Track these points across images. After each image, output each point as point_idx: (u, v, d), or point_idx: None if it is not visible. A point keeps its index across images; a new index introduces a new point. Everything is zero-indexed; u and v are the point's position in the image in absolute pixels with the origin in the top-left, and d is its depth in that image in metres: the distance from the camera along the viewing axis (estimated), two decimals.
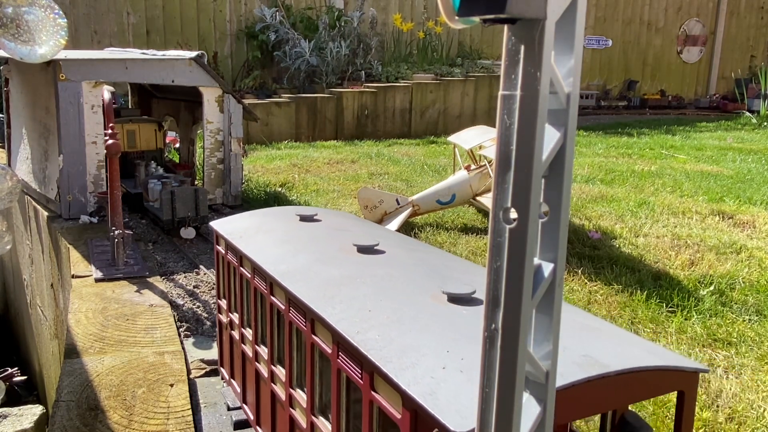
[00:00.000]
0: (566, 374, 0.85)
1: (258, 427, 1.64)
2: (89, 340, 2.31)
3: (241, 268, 1.64)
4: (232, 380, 1.88)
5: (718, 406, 2.02)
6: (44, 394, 4.67)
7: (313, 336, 1.21)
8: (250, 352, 1.65)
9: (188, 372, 2.17)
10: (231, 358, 1.87)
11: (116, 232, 3.00)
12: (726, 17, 14.50)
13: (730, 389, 2.11)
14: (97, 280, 2.91)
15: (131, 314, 2.55)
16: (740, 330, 2.55)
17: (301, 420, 1.32)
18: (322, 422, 1.23)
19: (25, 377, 5.23)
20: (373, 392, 0.99)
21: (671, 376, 0.96)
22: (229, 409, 1.90)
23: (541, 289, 0.72)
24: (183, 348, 2.33)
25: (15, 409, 4.15)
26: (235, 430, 1.81)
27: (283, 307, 1.37)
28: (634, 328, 2.56)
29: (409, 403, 0.89)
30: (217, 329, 2.07)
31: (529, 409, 0.75)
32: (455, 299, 1.09)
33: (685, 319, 2.64)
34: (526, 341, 0.70)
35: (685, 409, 0.99)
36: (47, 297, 4.07)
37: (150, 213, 3.95)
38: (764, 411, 1.99)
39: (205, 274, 3.10)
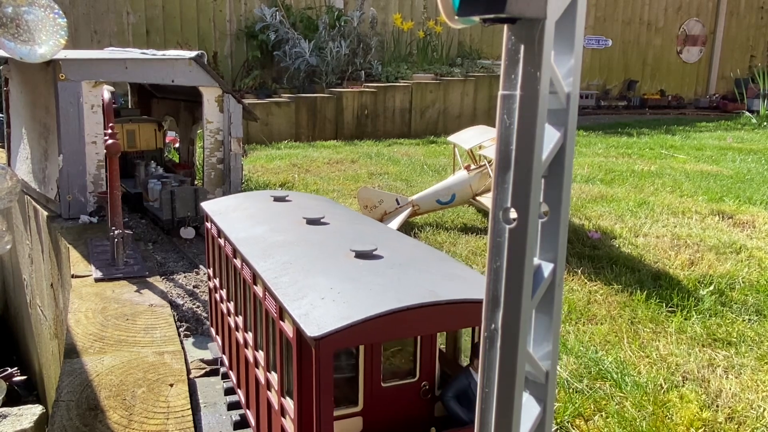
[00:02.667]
0: (405, 300, 1.13)
1: (230, 371, 1.88)
2: (89, 340, 2.31)
3: (218, 239, 1.88)
4: (216, 336, 2.11)
5: (718, 406, 2.02)
6: (44, 393, 4.67)
7: (254, 287, 1.46)
8: (224, 309, 1.90)
9: (188, 372, 2.17)
10: (215, 317, 2.11)
11: (116, 232, 3.00)
12: (726, 17, 14.51)
13: (730, 389, 2.11)
14: (97, 280, 2.90)
15: (131, 314, 2.55)
16: (740, 330, 2.55)
17: (251, 357, 1.58)
18: (261, 355, 1.49)
19: (25, 377, 5.23)
20: (281, 322, 1.24)
21: None
22: (218, 363, 2.10)
23: (541, 290, 0.72)
24: (183, 348, 2.33)
25: (15, 409, 4.14)
26: (235, 430, 1.81)
27: (239, 267, 1.61)
28: (634, 327, 2.56)
29: (294, 323, 1.14)
30: (208, 294, 2.34)
31: (529, 409, 0.75)
32: (359, 255, 1.35)
33: (685, 319, 2.64)
34: (526, 341, 0.70)
35: None
36: (47, 297, 4.07)
37: (150, 213, 3.95)
38: (764, 411, 1.99)
39: (204, 274, 3.10)
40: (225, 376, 2.02)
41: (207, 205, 2.03)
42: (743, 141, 8.43)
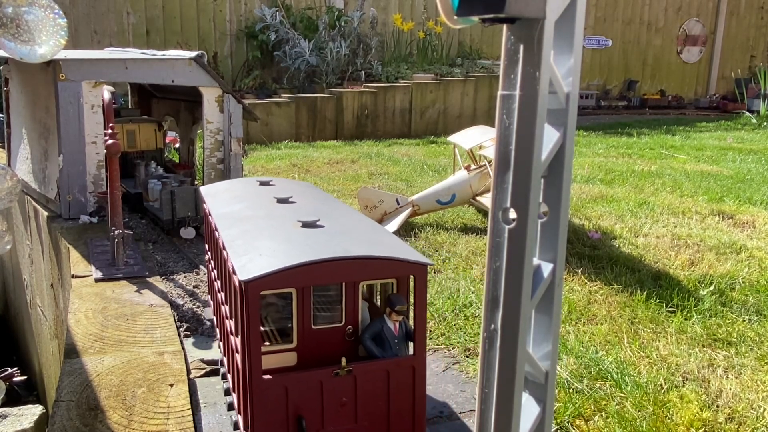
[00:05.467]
0: (320, 255, 1.40)
1: (217, 330, 2.12)
2: (89, 340, 2.31)
3: (209, 217, 2.08)
4: (210, 301, 2.34)
5: (718, 406, 2.02)
6: (44, 394, 4.67)
7: (223, 251, 1.66)
8: (213, 276, 2.14)
9: (188, 372, 2.17)
10: (210, 285, 2.34)
11: (116, 232, 3.00)
12: (726, 17, 14.50)
13: (730, 389, 2.11)
14: (97, 280, 2.90)
15: (131, 314, 2.55)
16: (740, 330, 2.55)
17: (224, 311, 1.82)
18: (228, 308, 1.73)
19: (25, 377, 5.23)
20: (234, 276, 1.44)
21: (405, 265, 1.46)
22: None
23: (541, 290, 0.72)
24: (183, 348, 2.33)
25: (15, 409, 4.15)
26: (235, 430, 1.81)
27: (217, 237, 1.81)
28: (634, 327, 2.56)
29: (237, 274, 1.37)
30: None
31: (529, 409, 0.75)
32: (305, 225, 1.59)
33: (685, 319, 2.64)
34: (526, 342, 0.70)
35: (417, 288, 1.48)
36: (47, 297, 4.07)
37: (150, 213, 3.95)
38: (764, 411, 1.99)
39: (205, 274, 3.10)
40: (225, 377, 2.02)
41: (203, 189, 2.31)
42: (743, 141, 8.43)
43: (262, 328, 1.55)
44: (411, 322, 1.55)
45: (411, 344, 1.55)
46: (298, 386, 1.41)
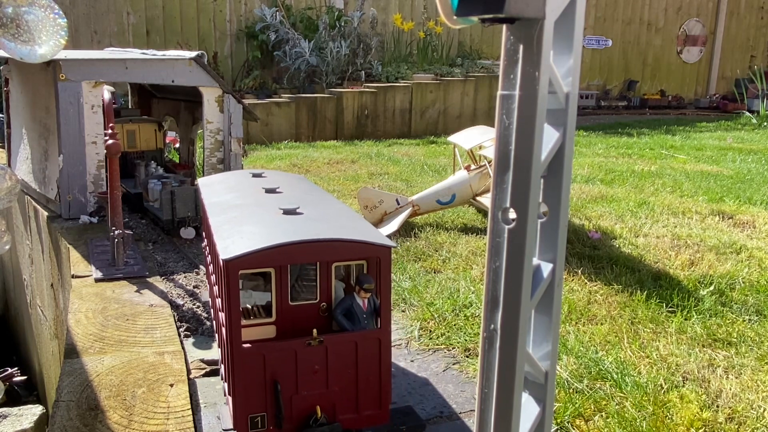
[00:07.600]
0: (292, 238, 1.52)
1: (211, 309, 2.24)
2: (89, 340, 2.31)
3: (204, 206, 2.19)
4: (208, 286, 2.46)
5: (718, 406, 2.02)
6: (44, 394, 4.67)
7: (212, 236, 1.76)
8: (208, 260, 2.27)
9: (188, 372, 2.17)
10: (206, 270, 2.45)
11: (116, 232, 3.00)
12: (726, 17, 14.51)
13: (730, 389, 2.11)
14: (97, 280, 2.90)
15: (131, 314, 2.55)
16: (740, 330, 2.55)
17: (215, 290, 1.93)
18: (217, 287, 1.85)
19: (25, 377, 5.23)
20: (219, 257, 1.55)
21: (371, 247, 1.58)
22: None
23: (540, 290, 0.72)
24: (183, 348, 2.33)
25: (15, 409, 4.15)
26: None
27: (209, 224, 1.91)
28: (634, 327, 2.56)
29: (220, 254, 1.50)
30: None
31: (529, 410, 0.75)
32: (286, 212, 1.71)
33: (685, 319, 2.64)
34: (525, 342, 0.70)
35: (382, 268, 1.61)
36: (47, 297, 4.07)
37: (150, 213, 3.95)
38: (764, 411, 1.99)
39: (204, 274, 3.10)
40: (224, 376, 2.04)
41: (201, 180, 2.44)
42: (743, 141, 8.44)
43: (249, 306, 1.72)
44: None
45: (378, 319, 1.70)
46: (274, 355, 1.54)
